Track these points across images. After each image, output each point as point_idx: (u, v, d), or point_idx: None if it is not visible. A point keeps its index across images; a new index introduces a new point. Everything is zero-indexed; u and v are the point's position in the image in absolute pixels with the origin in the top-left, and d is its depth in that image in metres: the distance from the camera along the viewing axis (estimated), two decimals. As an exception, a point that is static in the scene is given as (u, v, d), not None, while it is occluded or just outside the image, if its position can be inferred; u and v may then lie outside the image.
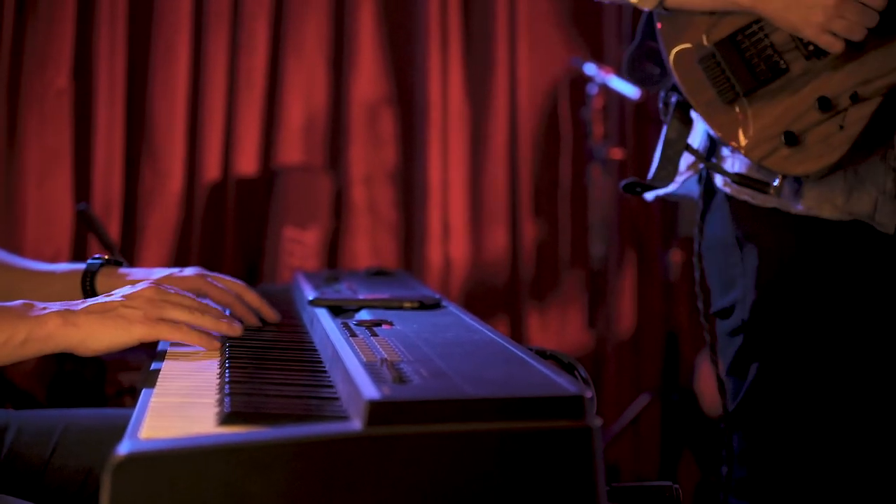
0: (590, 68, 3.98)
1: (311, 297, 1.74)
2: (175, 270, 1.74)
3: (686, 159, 1.98)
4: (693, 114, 1.91)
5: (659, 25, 1.90)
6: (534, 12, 4.19)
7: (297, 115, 3.97)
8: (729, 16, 1.84)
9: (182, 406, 1.21)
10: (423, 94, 4.06)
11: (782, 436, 1.91)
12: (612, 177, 4.12)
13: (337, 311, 1.67)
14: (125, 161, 3.73)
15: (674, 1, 1.85)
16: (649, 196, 2.10)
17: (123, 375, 3.04)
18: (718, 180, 1.94)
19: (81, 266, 1.79)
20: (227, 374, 1.30)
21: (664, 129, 1.93)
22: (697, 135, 1.96)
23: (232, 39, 3.86)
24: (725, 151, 1.91)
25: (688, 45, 1.86)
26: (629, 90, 3.90)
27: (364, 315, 1.61)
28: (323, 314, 1.63)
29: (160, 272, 1.75)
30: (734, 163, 1.89)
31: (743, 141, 1.82)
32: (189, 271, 1.74)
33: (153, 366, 1.44)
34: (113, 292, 1.52)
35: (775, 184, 1.81)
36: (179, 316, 1.48)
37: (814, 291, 1.88)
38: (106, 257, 1.80)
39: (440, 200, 4.08)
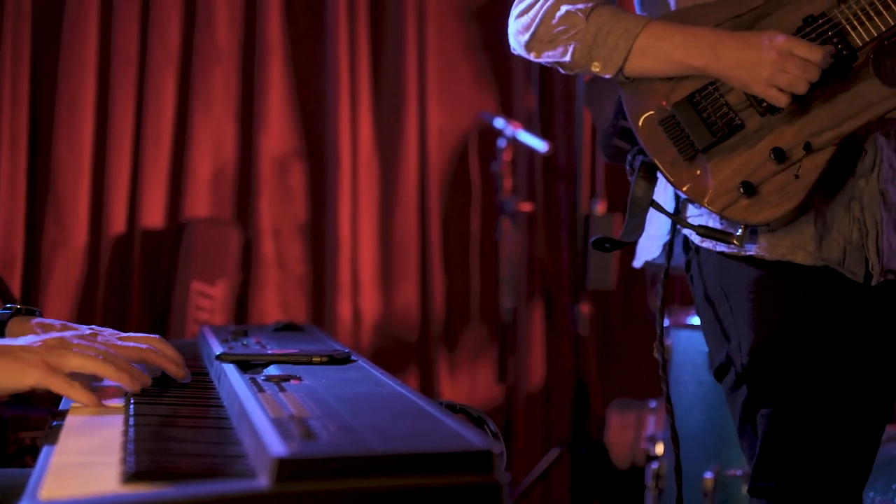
0: (499, 122, 4.02)
1: (218, 352, 1.71)
2: (85, 328, 1.68)
3: (667, 224, 2.04)
4: (658, 173, 1.97)
5: (622, 94, 1.98)
6: (443, 67, 4.22)
7: (206, 167, 3.94)
8: (686, 79, 1.92)
9: (84, 465, 1.18)
10: (333, 147, 4.06)
11: (811, 474, 1.94)
12: (521, 230, 4.15)
13: (245, 366, 1.65)
14: (27, 214, 3.66)
15: (633, 68, 1.93)
16: (637, 263, 2.17)
17: (25, 434, 2.97)
18: (695, 237, 1.99)
19: None
20: (131, 432, 1.27)
21: (631, 188, 1.99)
22: (667, 196, 2.01)
23: (139, 92, 3.83)
24: (692, 210, 1.98)
25: (651, 110, 1.94)
26: (538, 144, 3.95)
27: (272, 370, 1.59)
28: (230, 369, 1.61)
29: (75, 328, 1.69)
30: (707, 220, 1.96)
31: (705, 194, 1.89)
32: (106, 333, 1.67)
33: (55, 423, 1.40)
34: (24, 337, 1.49)
35: (738, 233, 1.89)
36: (80, 364, 1.44)
37: (801, 331, 1.93)
38: (18, 306, 1.75)
39: (350, 254, 4.07)
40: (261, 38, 3.99)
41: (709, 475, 3.02)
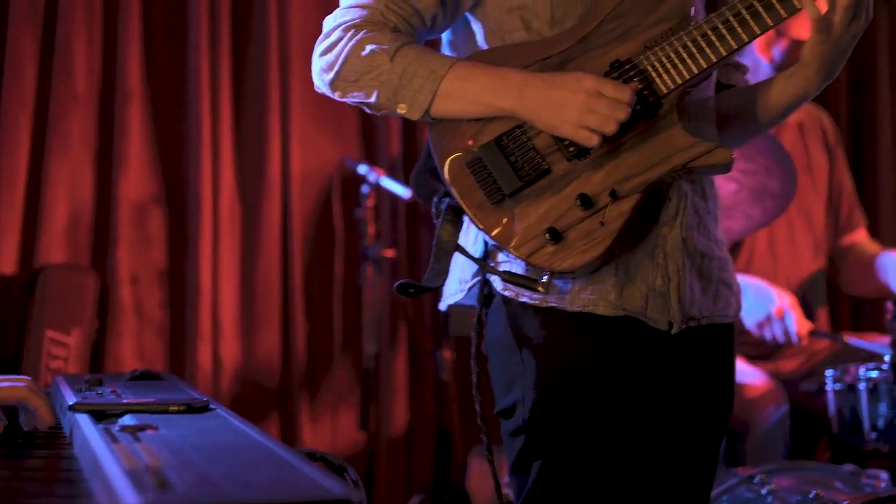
0: (362, 168, 4.04)
1: (71, 402, 1.67)
2: None
3: (472, 267, 2.01)
4: (466, 217, 1.94)
5: (430, 134, 1.94)
6: (306, 112, 4.22)
7: (61, 212, 3.85)
8: (494, 121, 1.89)
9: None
10: (194, 192, 4.02)
11: None
12: (384, 276, 4.16)
13: (99, 416, 1.61)
14: None
15: (440, 110, 1.89)
16: (442, 306, 2.13)
17: None
18: (498, 284, 1.98)
19: None
20: (-23, 486, 1.24)
21: (436, 232, 1.95)
22: (476, 239, 1.99)
23: (-8, 134, 3.74)
24: (501, 256, 1.95)
25: (458, 152, 1.90)
26: (401, 190, 3.97)
27: (128, 420, 1.56)
28: (84, 420, 1.57)
29: None
30: (511, 266, 1.94)
31: (511, 240, 1.87)
32: None
33: None
34: None
35: (543, 280, 1.87)
36: None
37: (591, 389, 1.93)
38: None
39: (211, 300, 4.02)
40: (121, 84, 3.93)
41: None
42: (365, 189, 4.02)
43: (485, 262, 1.95)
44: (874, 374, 3.06)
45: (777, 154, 3.11)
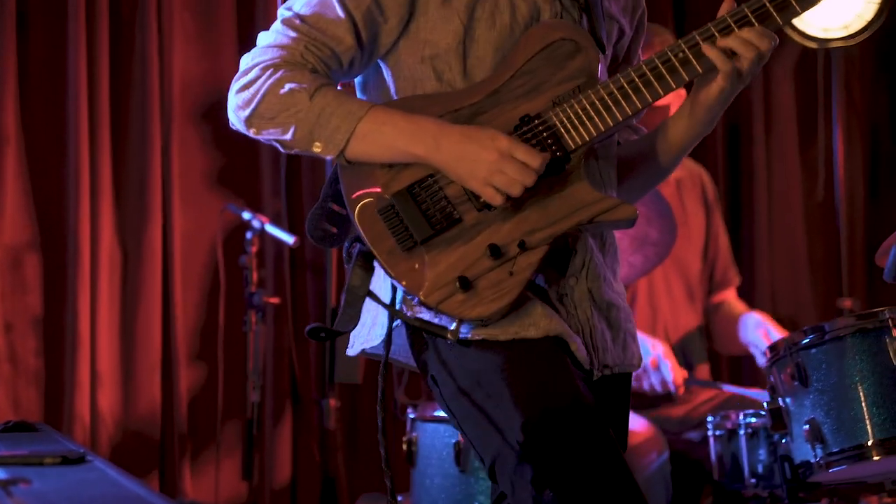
0: (246, 215, 4.01)
1: (-61, 455, 1.62)
2: None
3: (384, 314, 1.99)
4: (376, 262, 1.95)
5: (341, 177, 1.96)
6: (189, 158, 4.18)
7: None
8: (407, 168, 1.93)
9: None
10: (73, 238, 3.94)
11: None
12: (269, 323, 4.12)
13: (-31, 469, 1.56)
14: None
15: (354, 152, 1.92)
16: (353, 351, 2.09)
17: None
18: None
19: None
20: None
21: (347, 278, 1.97)
22: (386, 283, 1.99)
23: None
24: (409, 301, 1.97)
25: (370, 198, 1.93)
26: (286, 237, 3.95)
27: (-1, 473, 1.51)
28: (-48, 473, 1.51)
29: None
30: (423, 313, 1.95)
31: (421, 287, 1.90)
32: None
33: None
34: None
35: (451, 328, 1.90)
36: None
37: (563, 399, 1.90)
38: None
39: (89, 349, 3.93)
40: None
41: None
42: (249, 235, 3.99)
43: (395, 309, 1.96)
44: (753, 419, 3.12)
45: (657, 204, 3.18)
